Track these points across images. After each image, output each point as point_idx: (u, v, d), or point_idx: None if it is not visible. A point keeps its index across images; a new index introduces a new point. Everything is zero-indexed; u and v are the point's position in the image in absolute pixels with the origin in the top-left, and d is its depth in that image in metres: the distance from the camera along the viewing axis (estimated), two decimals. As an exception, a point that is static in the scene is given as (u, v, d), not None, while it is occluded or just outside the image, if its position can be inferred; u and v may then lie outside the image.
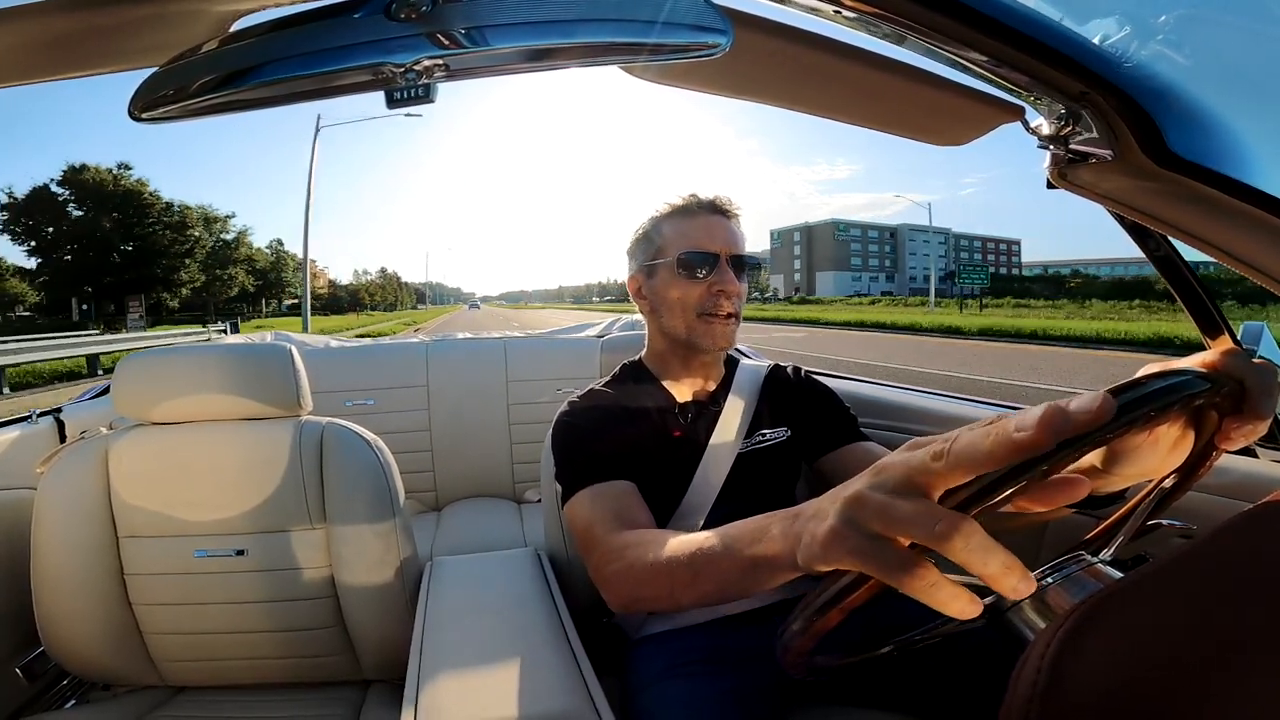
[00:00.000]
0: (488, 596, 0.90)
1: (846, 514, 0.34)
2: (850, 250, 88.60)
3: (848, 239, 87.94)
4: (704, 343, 0.88)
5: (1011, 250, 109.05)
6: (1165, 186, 0.57)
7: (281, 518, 0.99)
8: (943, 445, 0.31)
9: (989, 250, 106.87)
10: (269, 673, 1.05)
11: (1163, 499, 0.44)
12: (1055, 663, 0.26)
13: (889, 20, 0.48)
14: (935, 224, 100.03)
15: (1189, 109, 0.53)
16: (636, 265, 0.95)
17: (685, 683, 0.75)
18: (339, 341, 2.23)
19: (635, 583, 0.64)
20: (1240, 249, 0.55)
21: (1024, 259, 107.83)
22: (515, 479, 2.00)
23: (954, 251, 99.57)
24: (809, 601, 0.36)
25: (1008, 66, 0.52)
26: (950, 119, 0.66)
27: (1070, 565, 0.39)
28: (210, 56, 0.45)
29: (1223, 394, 0.38)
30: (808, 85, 0.62)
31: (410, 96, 0.45)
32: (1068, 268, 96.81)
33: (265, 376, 1.00)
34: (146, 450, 0.99)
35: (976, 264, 48.02)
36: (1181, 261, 0.78)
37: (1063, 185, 0.65)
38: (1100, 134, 0.57)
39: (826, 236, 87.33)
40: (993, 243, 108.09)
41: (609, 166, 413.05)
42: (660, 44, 0.42)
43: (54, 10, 0.44)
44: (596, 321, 2.43)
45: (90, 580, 0.97)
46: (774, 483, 0.94)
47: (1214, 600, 0.27)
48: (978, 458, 0.30)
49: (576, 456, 0.84)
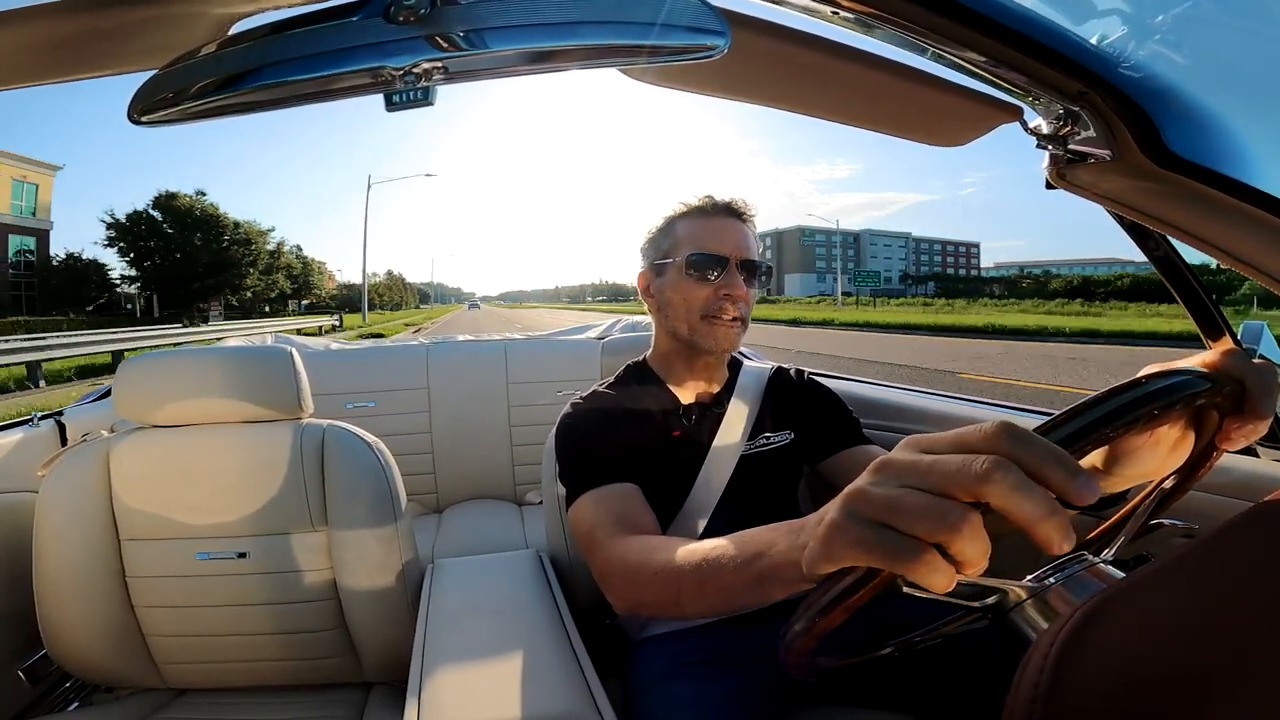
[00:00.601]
0: (489, 598, 0.90)
1: (848, 507, 0.34)
2: (815, 255, 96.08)
3: (813, 244, 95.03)
4: (706, 344, 0.88)
5: (970, 253, 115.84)
6: (1164, 186, 0.57)
7: (283, 520, 0.99)
8: (971, 461, 0.30)
9: (948, 253, 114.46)
10: (271, 675, 1.05)
11: (1164, 499, 0.44)
12: (1058, 663, 0.26)
13: (887, 21, 0.48)
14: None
15: (1188, 109, 0.53)
16: (647, 263, 0.95)
17: (687, 684, 0.75)
18: (339, 344, 2.24)
19: (640, 588, 0.64)
20: (1239, 248, 0.55)
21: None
22: (516, 481, 2.00)
23: (914, 254, 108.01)
24: (811, 602, 0.35)
25: (1006, 67, 0.52)
26: (949, 120, 0.66)
27: (1072, 565, 0.39)
28: (210, 59, 0.45)
29: (1223, 394, 0.38)
30: (806, 86, 0.62)
31: (409, 99, 0.45)
32: (1026, 269, 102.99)
33: (266, 379, 1.00)
34: (148, 453, 0.99)
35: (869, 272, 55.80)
36: (1181, 261, 0.78)
37: (1062, 185, 0.65)
38: (1099, 134, 0.57)
39: (793, 242, 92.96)
40: (952, 245, 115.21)
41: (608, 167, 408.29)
42: (658, 46, 0.42)
43: (54, 13, 0.45)
44: (597, 323, 2.43)
45: (92, 583, 0.97)
46: (776, 485, 0.94)
47: (1216, 600, 0.27)
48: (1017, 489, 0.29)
49: (579, 459, 0.84)
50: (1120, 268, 67.48)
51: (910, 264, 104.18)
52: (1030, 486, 0.29)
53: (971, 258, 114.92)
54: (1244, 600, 0.26)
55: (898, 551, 0.31)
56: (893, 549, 0.31)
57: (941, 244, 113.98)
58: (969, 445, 0.31)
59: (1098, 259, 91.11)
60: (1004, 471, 0.29)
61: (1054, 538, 0.29)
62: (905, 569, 0.30)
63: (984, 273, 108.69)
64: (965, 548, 0.29)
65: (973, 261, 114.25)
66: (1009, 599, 0.39)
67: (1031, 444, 0.30)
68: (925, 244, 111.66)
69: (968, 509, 0.30)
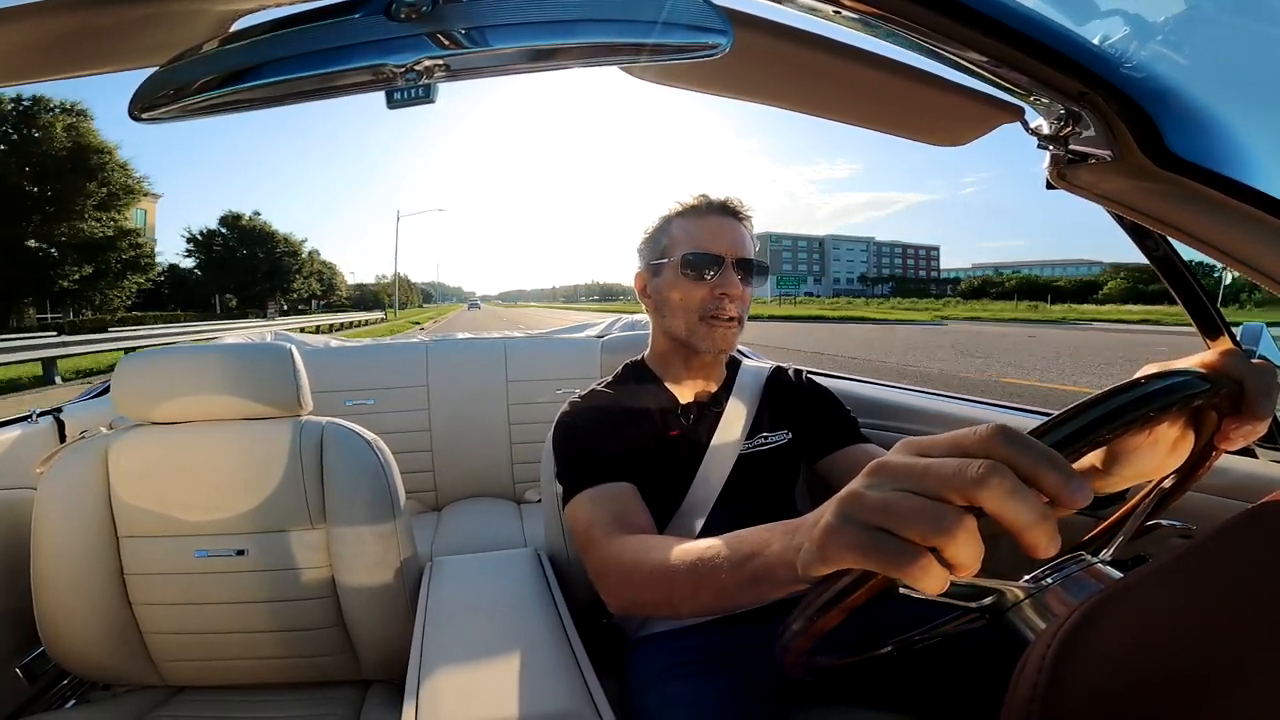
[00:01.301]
0: (488, 596, 0.90)
1: (843, 511, 0.34)
2: (782, 259, 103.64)
3: (780, 249, 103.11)
4: (704, 345, 0.88)
5: (930, 256, 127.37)
6: (1164, 187, 0.57)
7: (281, 518, 0.99)
8: (987, 472, 0.30)
9: (909, 256, 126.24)
10: (269, 672, 1.05)
11: (1162, 499, 0.44)
12: (1056, 663, 0.26)
13: (888, 20, 0.48)
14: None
15: (1188, 109, 0.54)
16: (644, 263, 0.95)
17: (685, 683, 0.75)
18: (339, 341, 2.23)
19: (634, 587, 0.64)
20: (1239, 249, 0.55)
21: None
22: (515, 479, 2.00)
23: (875, 257, 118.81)
24: (809, 601, 0.36)
25: (1007, 67, 0.52)
26: (950, 119, 0.66)
27: (1070, 565, 0.39)
28: (210, 56, 0.45)
29: (1222, 394, 0.38)
30: (808, 86, 0.62)
31: (411, 97, 0.45)
32: (1000, 269, 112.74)
33: (265, 376, 1.00)
34: (146, 450, 0.99)
35: (797, 276, 63.55)
36: (1180, 262, 0.78)
37: (1062, 186, 0.65)
38: (1099, 134, 0.57)
39: (761, 247, 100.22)
40: (912, 249, 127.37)
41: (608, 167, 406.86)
42: (660, 44, 0.42)
43: (55, 10, 0.44)
44: (596, 322, 2.43)
45: (90, 580, 0.97)
46: (774, 485, 0.94)
47: (1214, 600, 0.27)
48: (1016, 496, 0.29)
49: (577, 457, 0.84)
50: (1089, 269, 75.75)
51: (871, 267, 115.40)
52: (1024, 492, 0.29)
53: (931, 260, 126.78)
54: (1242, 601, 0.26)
55: (892, 555, 0.31)
56: (887, 552, 0.31)
57: (903, 248, 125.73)
58: (964, 448, 0.32)
59: (1076, 260, 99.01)
60: (999, 477, 0.29)
61: (1041, 543, 0.29)
62: (899, 572, 0.31)
63: (943, 274, 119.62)
64: (959, 552, 0.30)
65: (932, 264, 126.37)
66: (1006, 599, 0.39)
67: (1026, 447, 0.30)
68: (887, 248, 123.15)
69: (962, 513, 0.30)
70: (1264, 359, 0.73)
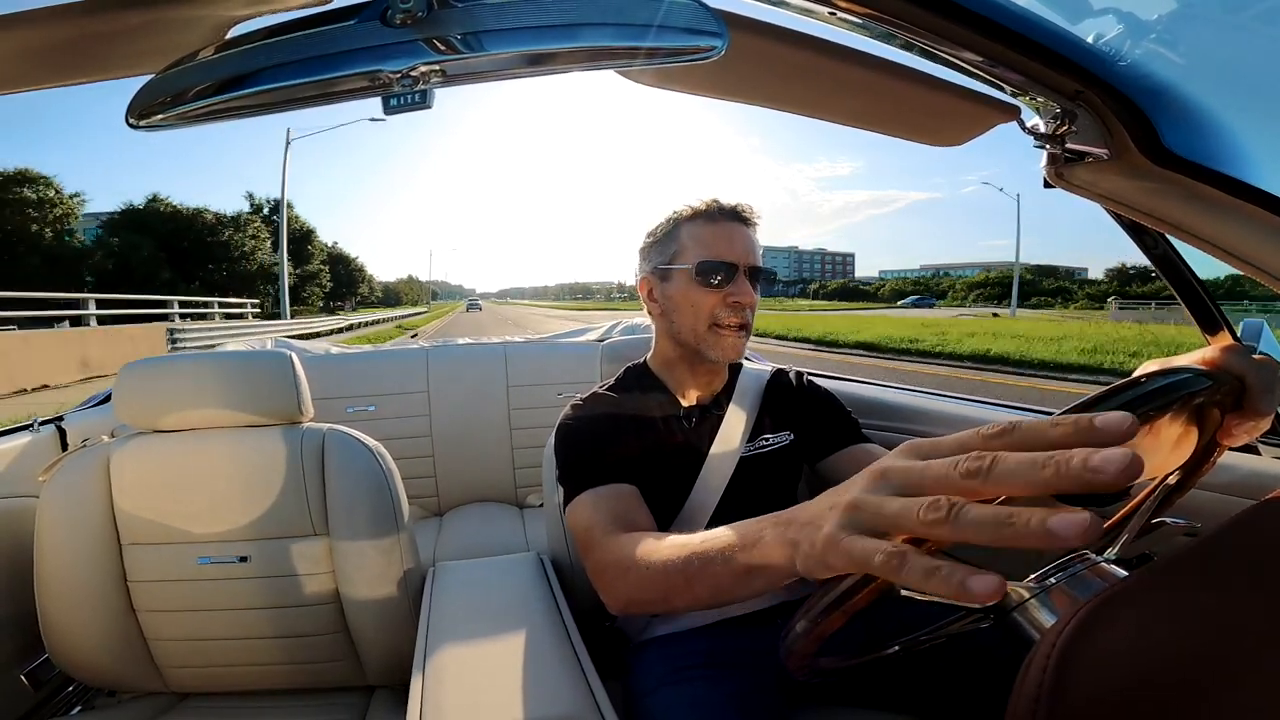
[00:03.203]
0: (491, 601, 0.90)
1: (845, 520, 0.34)
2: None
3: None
4: (713, 354, 0.87)
5: (846, 262, 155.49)
6: (1162, 185, 0.57)
7: (284, 525, 0.99)
8: (977, 463, 0.29)
9: (828, 262, 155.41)
10: (273, 679, 1.05)
11: (1167, 497, 0.44)
12: (1061, 662, 0.26)
13: (884, 21, 0.48)
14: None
15: (1184, 107, 0.53)
16: (650, 267, 0.93)
17: (688, 686, 0.74)
18: (339, 348, 2.24)
19: (631, 585, 0.64)
20: (1237, 246, 0.55)
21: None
22: (517, 483, 2.00)
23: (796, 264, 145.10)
24: (812, 604, 0.35)
25: (1002, 66, 0.52)
26: (946, 119, 0.66)
27: (1075, 564, 0.39)
28: (207, 63, 0.45)
29: (1224, 391, 0.38)
30: (804, 87, 0.62)
31: (407, 102, 0.45)
32: (941, 270, 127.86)
33: (266, 384, 1.00)
34: (148, 458, 0.99)
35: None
36: (1180, 259, 0.78)
37: (1060, 184, 0.65)
38: (1096, 133, 0.57)
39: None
40: (830, 255, 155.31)
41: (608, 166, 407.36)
42: (656, 48, 0.42)
43: (50, 18, 0.45)
44: (596, 325, 2.43)
45: (93, 587, 0.97)
46: (776, 486, 0.94)
47: (1219, 598, 0.27)
48: (1034, 481, 0.27)
49: (578, 460, 0.84)
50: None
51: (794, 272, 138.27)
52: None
53: (847, 266, 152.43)
54: (1247, 598, 0.26)
55: (899, 566, 0.30)
56: (888, 559, 0.31)
57: (822, 255, 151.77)
58: (970, 450, 0.31)
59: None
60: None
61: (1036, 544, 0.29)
62: (901, 578, 0.30)
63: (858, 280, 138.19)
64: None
65: (848, 269, 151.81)
66: (1011, 599, 0.39)
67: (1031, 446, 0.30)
68: (808, 255, 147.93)
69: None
70: (1265, 355, 0.73)
